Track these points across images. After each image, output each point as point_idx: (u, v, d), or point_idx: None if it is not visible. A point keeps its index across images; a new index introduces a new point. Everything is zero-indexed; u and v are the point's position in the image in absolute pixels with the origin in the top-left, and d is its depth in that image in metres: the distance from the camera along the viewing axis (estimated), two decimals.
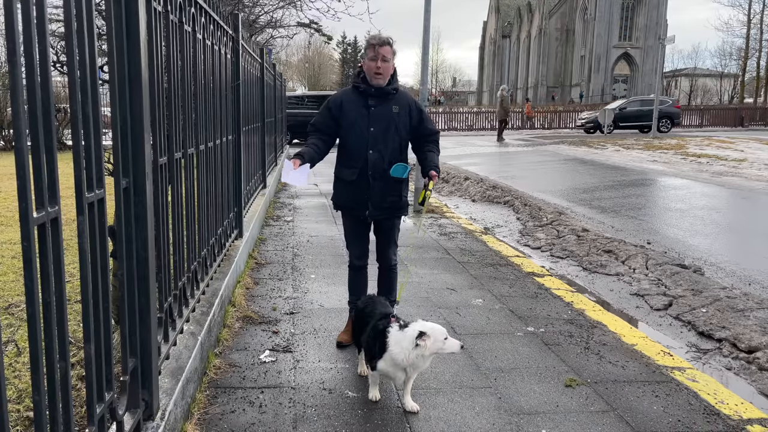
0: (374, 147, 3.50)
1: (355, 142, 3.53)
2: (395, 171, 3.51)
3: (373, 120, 3.51)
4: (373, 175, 3.52)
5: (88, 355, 1.75)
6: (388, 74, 3.50)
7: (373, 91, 3.51)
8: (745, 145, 19.75)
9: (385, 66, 3.45)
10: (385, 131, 3.52)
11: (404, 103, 3.58)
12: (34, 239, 1.40)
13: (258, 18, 13.86)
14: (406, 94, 3.65)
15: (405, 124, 3.56)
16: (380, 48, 3.43)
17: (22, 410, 2.67)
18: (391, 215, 3.67)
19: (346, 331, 3.75)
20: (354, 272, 3.84)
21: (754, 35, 52.94)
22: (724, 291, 4.94)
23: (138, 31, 2.07)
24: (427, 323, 2.86)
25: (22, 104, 1.36)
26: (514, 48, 79.59)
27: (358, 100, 3.55)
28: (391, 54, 3.47)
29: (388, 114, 3.52)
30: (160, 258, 2.56)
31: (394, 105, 3.54)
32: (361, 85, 3.54)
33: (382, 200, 3.57)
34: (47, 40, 1.44)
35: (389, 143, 3.53)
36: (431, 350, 2.78)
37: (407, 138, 3.61)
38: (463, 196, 11.09)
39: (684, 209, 9.08)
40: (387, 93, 3.53)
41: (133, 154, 2.11)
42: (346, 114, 3.54)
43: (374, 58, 3.44)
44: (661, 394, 3.15)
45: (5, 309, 3.98)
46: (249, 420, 2.78)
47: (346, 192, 3.63)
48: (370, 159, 3.51)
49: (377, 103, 3.52)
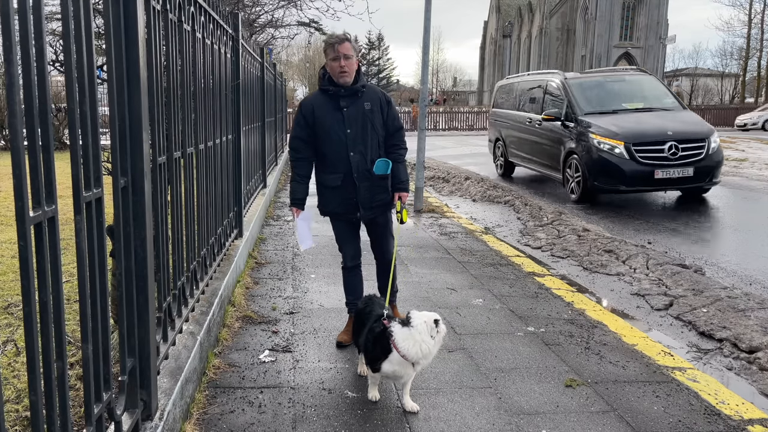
0: (354, 148, 3.44)
1: (335, 147, 3.45)
2: (378, 168, 3.48)
3: (349, 121, 3.43)
4: (359, 177, 3.47)
5: (86, 355, 1.74)
6: (353, 71, 3.42)
7: (342, 91, 3.42)
8: (746, 145, 19.72)
9: (348, 63, 3.36)
10: (363, 130, 3.45)
11: (375, 97, 3.51)
12: (30, 238, 1.40)
13: (258, 17, 13.85)
14: (373, 88, 3.60)
15: (379, 119, 3.50)
16: (339, 46, 3.34)
17: (21, 410, 2.66)
18: (382, 212, 3.65)
19: (346, 331, 3.74)
20: (349, 272, 3.80)
21: (755, 35, 52.89)
22: (725, 291, 4.93)
23: (136, 30, 2.06)
24: (423, 312, 2.87)
25: (18, 103, 1.35)
26: (514, 48, 79.56)
27: (329, 103, 3.46)
28: (353, 50, 3.38)
29: (361, 112, 3.45)
30: (159, 257, 2.55)
31: (365, 102, 3.47)
32: (329, 87, 3.45)
33: (371, 200, 3.53)
34: (44, 38, 1.43)
35: (368, 142, 3.47)
36: (443, 335, 2.82)
37: (383, 133, 3.55)
38: (463, 195, 11.08)
39: (684, 209, 9.07)
40: (356, 91, 3.45)
41: (131, 153, 2.10)
42: (320, 120, 3.45)
43: (336, 57, 3.35)
44: (662, 394, 3.14)
45: (4, 308, 3.98)
46: (248, 420, 2.78)
47: (332, 198, 3.56)
48: (353, 161, 3.44)
49: (349, 102, 3.44)
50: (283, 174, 12.72)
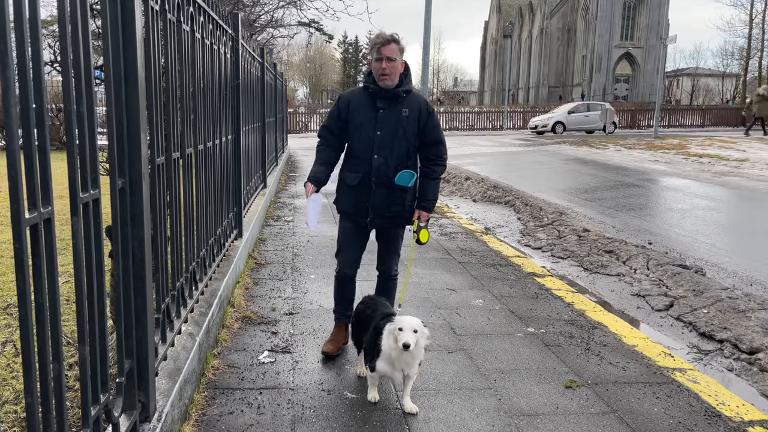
0: (379, 152, 3.33)
1: (361, 146, 3.36)
2: (400, 179, 3.33)
3: (380, 123, 3.33)
4: (377, 182, 3.35)
5: (83, 356, 1.74)
6: (397, 74, 3.30)
7: (382, 92, 3.32)
8: (747, 145, 19.70)
9: (391, 66, 3.24)
10: (393, 135, 3.33)
11: (415, 105, 3.37)
12: (26, 240, 1.39)
13: (258, 17, 13.84)
14: (418, 96, 3.45)
15: (413, 128, 3.37)
16: (384, 48, 3.23)
17: (20, 411, 2.65)
18: (394, 225, 3.49)
19: (332, 340, 3.57)
20: (342, 282, 3.61)
21: (756, 35, 52.85)
22: (726, 292, 4.92)
23: (134, 30, 2.06)
24: (404, 317, 2.84)
25: (14, 105, 1.34)
26: (515, 48, 79.51)
27: (367, 101, 3.37)
28: (398, 52, 3.26)
29: (396, 117, 3.33)
30: (157, 258, 2.55)
31: (404, 108, 3.34)
32: (370, 86, 3.35)
33: (384, 209, 3.39)
34: (40, 39, 1.42)
35: (396, 148, 3.34)
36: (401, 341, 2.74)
37: (416, 143, 3.41)
38: (464, 196, 11.07)
39: (685, 209, 9.06)
40: (397, 95, 3.33)
41: (129, 154, 2.09)
42: (353, 115, 3.37)
43: (379, 59, 3.24)
44: (662, 395, 3.13)
45: (4, 309, 3.97)
46: (247, 421, 2.77)
47: (347, 196, 3.46)
48: (375, 164, 3.34)
49: (386, 105, 3.34)
50: (283, 174, 12.72)
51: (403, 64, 3.34)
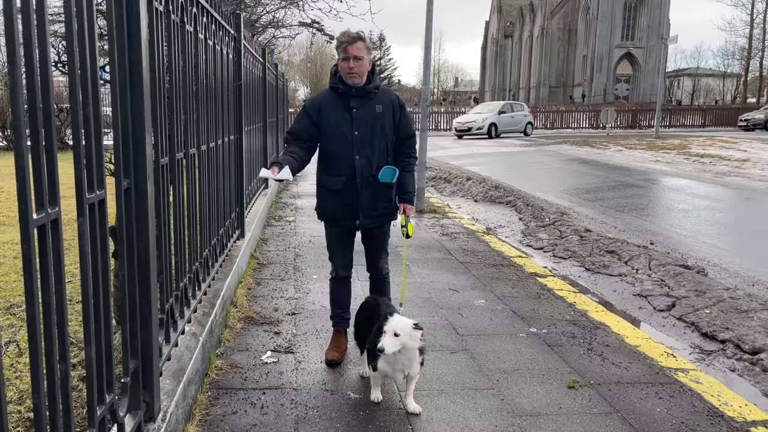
0: (360, 152, 3.28)
1: (340, 148, 3.29)
2: (384, 176, 3.30)
3: (357, 123, 3.27)
4: (362, 183, 3.30)
5: (89, 356, 1.74)
6: (364, 72, 3.26)
7: (353, 91, 3.27)
8: (748, 145, 19.70)
9: (358, 64, 3.20)
10: (371, 134, 3.29)
11: (387, 101, 3.35)
12: (34, 241, 1.39)
13: (260, 18, 13.85)
14: (388, 91, 3.44)
15: (390, 123, 3.34)
16: (350, 47, 3.18)
17: (23, 411, 2.66)
18: (381, 223, 3.47)
19: (334, 347, 3.52)
20: (338, 284, 3.60)
21: (757, 35, 52.89)
22: (728, 292, 4.92)
23: (139, 30, 2.06)
24: (393, 318, 2.82)
25: (22, 105, 1.35)
26: (516, 48, 79.55)
27: (338, 102, 3.31)
28: (365, 50, 3.22)
29: (372, 115, 3.29)
30: (161, 259, 2.55)
31: (377, 104, 3.31)
32: (339, 86, 3.29)
33: (372, 208, 3.36)
34: (47, 40, 1.43)
35: (376, 146, 3.30)
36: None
37: (393, 138, 3.39)
38: (465, 196, 11.07)
39: (687, 209, 9.06)
40: (368, 92, 3.29)
41: (134, 154, 2.10)
42: (327, 118, 3.30)
43: (346, 57, 3.19)
44: (665, 395, 3.13)
45: (7, 309, 3.98)
46: (250, 421, 2.77)
47: (332, 202, 3.38)
48: (357, 165, 3.28)
49: (359, 104, 3.28)
50: None
51: (369, 62, 3.30)
